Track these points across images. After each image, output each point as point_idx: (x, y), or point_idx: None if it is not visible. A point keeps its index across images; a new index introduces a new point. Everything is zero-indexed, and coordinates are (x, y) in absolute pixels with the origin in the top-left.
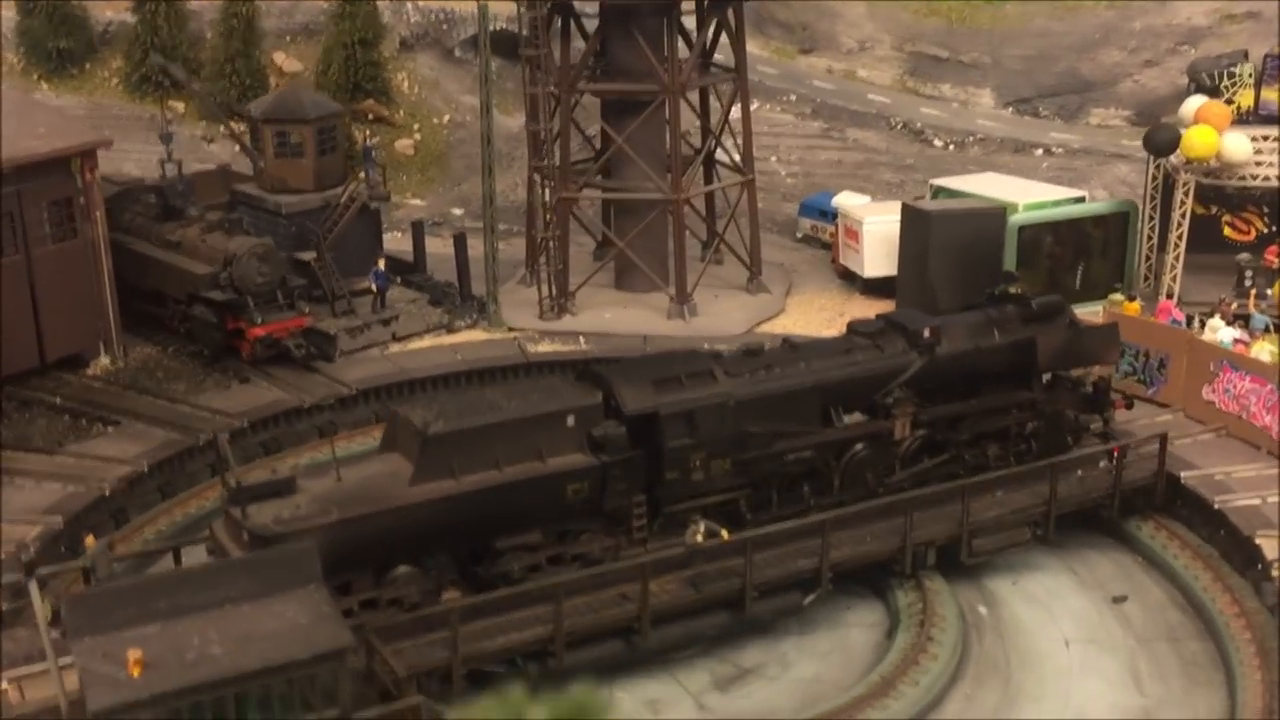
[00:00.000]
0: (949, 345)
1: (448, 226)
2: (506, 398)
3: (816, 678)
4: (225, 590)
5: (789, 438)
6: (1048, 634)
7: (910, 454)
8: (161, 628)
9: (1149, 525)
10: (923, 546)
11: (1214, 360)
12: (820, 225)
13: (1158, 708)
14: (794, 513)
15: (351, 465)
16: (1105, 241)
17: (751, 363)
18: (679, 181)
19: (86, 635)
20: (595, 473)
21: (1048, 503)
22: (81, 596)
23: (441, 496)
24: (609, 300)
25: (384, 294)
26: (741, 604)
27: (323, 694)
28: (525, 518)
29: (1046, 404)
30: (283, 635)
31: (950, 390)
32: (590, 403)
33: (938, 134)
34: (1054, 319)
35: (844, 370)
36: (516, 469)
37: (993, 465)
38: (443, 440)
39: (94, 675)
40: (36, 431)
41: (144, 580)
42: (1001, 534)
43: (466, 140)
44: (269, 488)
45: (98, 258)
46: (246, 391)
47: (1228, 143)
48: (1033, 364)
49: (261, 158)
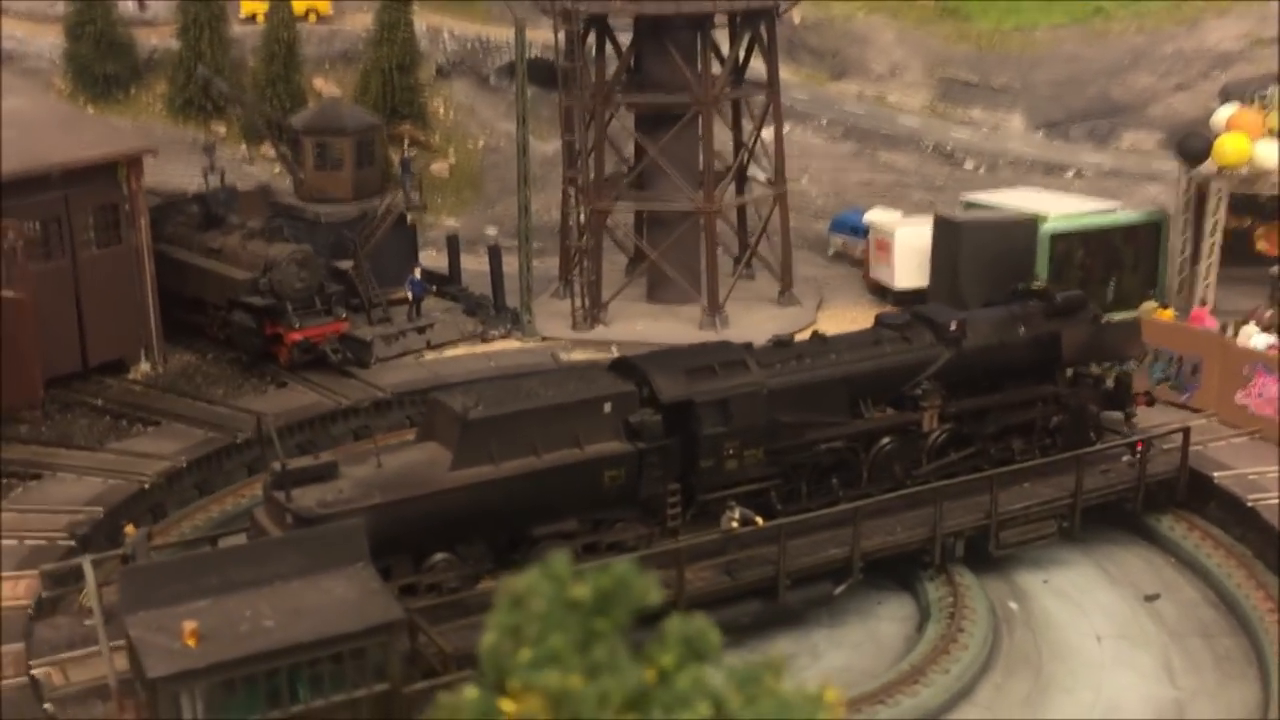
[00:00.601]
0: (975, 339)
1: (481, 245)
2: (543, 386)
3: (847, 667)
4: (274, 567)
5: (820, 428)
6: (1079, 629)
7: (937, 447)
8: (213, 602)
9: (1181, 525)
10: (951, 537)
11: (1248, 364)
12: (851, 242)
13: (1191, 701)
14: (823, 504)
15: (391, 452)
16: (1137, 254)
17: (782, 354)
18: (711, 193)
19: (140, 609)
20: (632, 460)
21: (1073, 495)
22: (134, 571)
23: (481, 481)
24: (641, 312)
25: (420, 302)
26: (774, 592)
27: (373, 669)
28: (562, 505)
29: (1070, 398)
30: (333, 610)
31: (976, 384)
32: (626, 390)
33: (968, 156)
34: (1077, 314)
35: (873, 362)
36: (555, 455)
37: (1017, 459)
38: (482, 425)
39: (150, 646)
40: (78, 430)
41: (195, 556)
42: (1028, 526)
43: (500, 164)
44: (311, 472)
45: (141, 264)
46: (284, 395)
47: (1260, 150)
48: (1057, 358)
49: (301, 169)
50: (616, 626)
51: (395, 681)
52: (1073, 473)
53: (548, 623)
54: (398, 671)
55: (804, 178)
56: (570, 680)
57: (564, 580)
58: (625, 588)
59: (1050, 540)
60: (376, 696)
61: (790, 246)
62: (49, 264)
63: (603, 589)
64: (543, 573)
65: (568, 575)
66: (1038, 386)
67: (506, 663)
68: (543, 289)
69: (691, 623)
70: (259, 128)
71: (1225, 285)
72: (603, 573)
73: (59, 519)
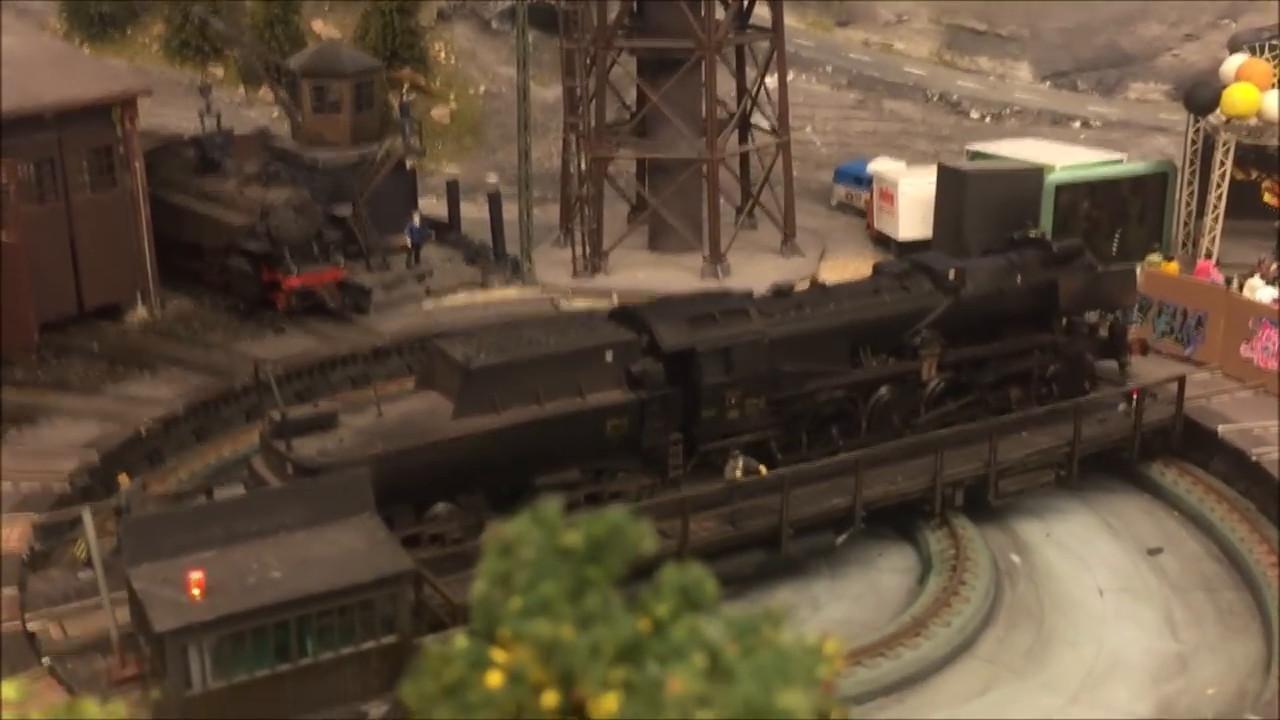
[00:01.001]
0: (974, 287)
1: (482, 193)
2: (544, 334)
3: (848, 619)
4: (280, 517)
5: (820, 377)
6: (1081, 582)
7: (935, 396)
8: (218, 554)
9: (1185, 479)
10: (951, 487)
11: (1253, 317)
12: (855, 192)
13: (1193, 654)
14: (823, 454)
15: (391, 402)
16: (1144, 206)
17: (783, 302)
18: (714, 141)
19: (143, 561)
20: (634, 409)
21: (1071, 444)
22: (137, 523)
23: (484, 431)
24: (642, 261)
25: (419, 248)
26: (777, 542)
27: (382, 621)
28: (564, 454)
29: (1068, 347)
30: (341, 561)
31: (973, 333)
32: (628, 339)
33: (974, 106)
34: (1073, 262)
35: (873, 310)
36: (557, 404)
37: (1015, 408)
38: (485, 374)
39: (156, 599)
40: (74, 375)
41: (199, 507)
42: (1026, 475)
43: (502, 110)
44: (311, 421)
45: (136, 208)
46: (282, 341)
47: (1269, 100)
48: (1054, 307)
49: (299, 112)
50: (610, 575)
51: (404, 634)
52: (1070, 421)
53: (538, 571)
54: (407, 624)
55: (808, 127)
56: (561, 630)
57: (555, 527)
58: (619, 535)
59: (1048, 489)
60: (385, 649)
61: (793, 196)
62: (42, 206)
63: (595, 536)
64: (533, 519)
65: (559, 522)
66: (1035, 335)
67: (496, 611)
68: (543, 237)
69: (688, 572)
70: (257, 70)
71: (1231, 238)
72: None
73: (54, 463)
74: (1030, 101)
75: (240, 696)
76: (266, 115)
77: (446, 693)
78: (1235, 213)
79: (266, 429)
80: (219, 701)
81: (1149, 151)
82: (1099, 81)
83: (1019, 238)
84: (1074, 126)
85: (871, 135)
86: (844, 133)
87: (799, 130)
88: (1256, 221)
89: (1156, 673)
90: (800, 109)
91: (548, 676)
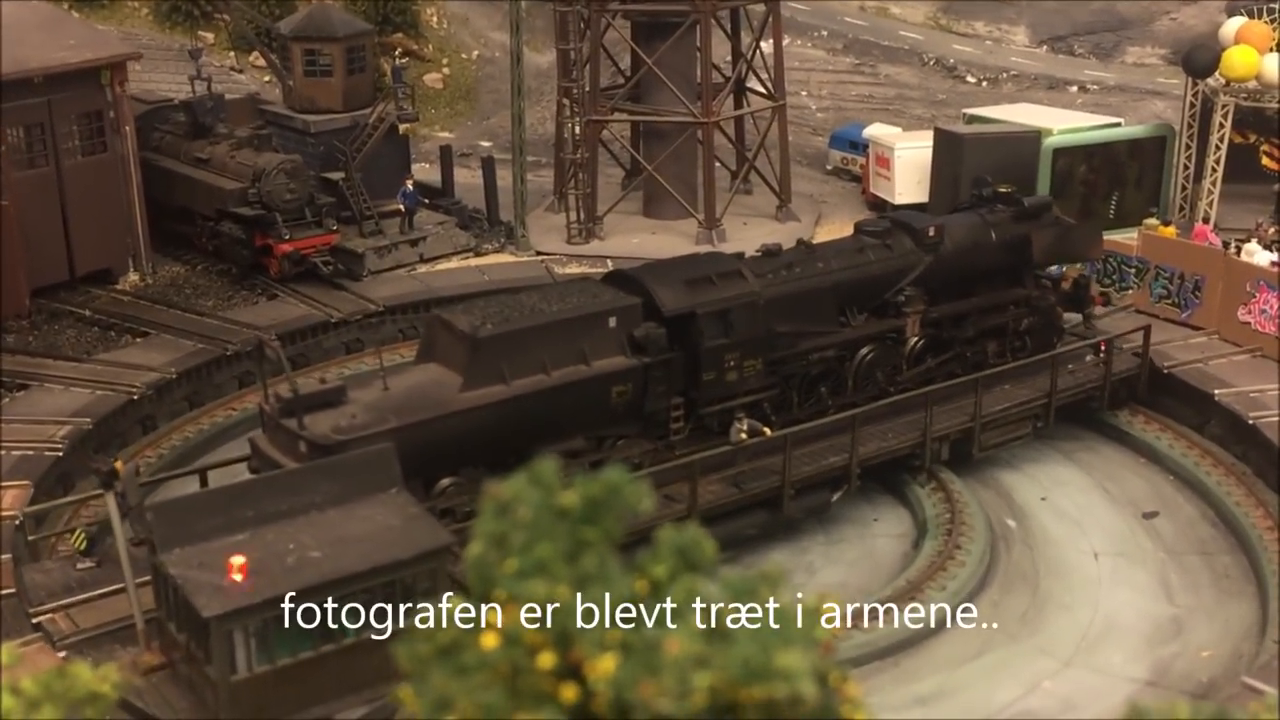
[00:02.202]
0: (952, 244)
1: (475, 159)
2: (544, 301)
3: (843, 584)
4: (308, 496)
5: (812, 337)
6: (1077, 546)
7: (916, 353)
8: (250, 535)
9: (1181, 443)
10: (938, 441)
11: (1250, 281)
12: (851, 157)
13: (1188, 617)
14: (813, 413)
15: (394, 375)
16: (1141, 170)
17: (774, 263)
18: (709, 105)
19: (175, 546)
20: (638, 374)
21: (1049, 395)
22: (165, 507)
23: (494, 401)
24: (637, 226)
25: (412, 214)
26: (779, 502)
27: (422, 596)
28: (571, 423)
29: (1040, 300)
30: (378, 537)
31: (951, 289)
32: (630, 303)
33: (971, 70)
34: (1043, 216)
35: (860, 270)
36: (563, 372)
37: (992, 362)
38: (493, 344)
39: (197, 584)
40: (66, 341)
41: (227, 489)
42: (1006, 427)
43: (495, 76)
44: (320, 398)
45: (127, 172)
46: (274, 307)
47: (1268, 63)
48: (1027, 261)
49: (290, 76)
50: (607, 536)
51: None
52: (1045, 373)
53: (535, 532)
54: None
55: (803, 92)
56: (558, 591)
57: (551, 487)
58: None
59: (1025, 440)
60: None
61: (789, 161)
62: (32, 171)
63: (592, 497)
64: (529, 479)
65: (555, 482)
66: (1010, 290)
67: (492, 573)
68: (537, 203)
69: (685, 533)
70: (247, 35)
71: (1229, 202)
72: (592, 480)
73: (46, 429)
74: (1027, 66)
75: (284, 679)
76: (258, 80)
77: (441, 654)
78: (1233, 176)
79: (273, 406)
80: (263, 685)
81: (1146, 116)
82: (1096, 46)
83: (988, 193)
84: (1071, 91)
85: (867, 100)
86: (840, 97)
87: (794, 95)
88: (1254, 185)
89: (1151, 636)
90: (796, 74)
91: (544, 638)
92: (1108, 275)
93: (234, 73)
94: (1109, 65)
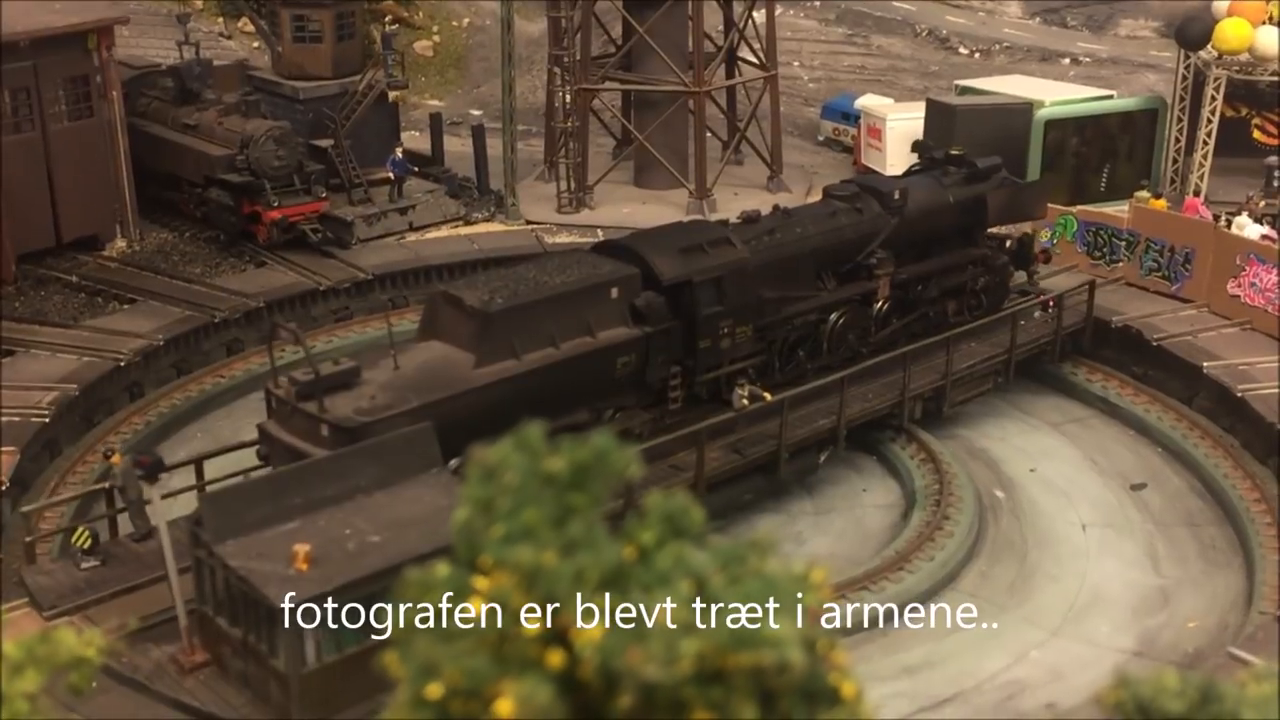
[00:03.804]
0: (914, 206)
1: (465, 127)
2: (544, 273)
3: (832, 554)
4: (354, 480)
5: (794, 301)
6: (1065, 518)
7: (882, 315)
8: (302, 523)
9: (1170, 416)
10: (914, 400)
11: (1240, 254)
12: (842, 128)
13: (1175, 588)
14: (793, 377)
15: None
16: (1133, 143)
17: (755, 229)
18: (701, 74)
19: (229, 538)
20: (640, 344)
21: (1009, 351)
22: (215, 499)
23: (508, 377)
24: (628, 196)
25: (402, 183)
26: (772, 467)
27: None
28: (578, 396)
29: (994, 259)
30: (433, 519)
31: (914, 250)
32: (630, 273)
33: (963, 42)
34: (994, 177)
35: (836, 234)
36: (571, 345)
37: (951, 321)
38: (504, 318)
39: (265, 575)
40: (52, 307)
41: (272, 477)
42: (971, 383)
43: (486, 44)
44: (335, 380)
45: (114, 138)
46: (262, 274)
47: (1261, 36)
48: (981, 221)
49: (279, 43)
50: (594, 501)
51: None
52: (1002, 330)
53: (521, 497)
54: None
55: (795, 62)
56: (544, 556)
57: (538, 452)
58: (603, 461)
59: (987, 395)
60: None
61: (780, 131)
62: (18, 136)
63: (580, 462)
64: (515, 444)
65: (542, 447)
66: (968, 250)
67: (479, 538)
68: (528, 172)
69: (673, 499)
70: (236, 0)
71: (1220, 175)
72: (579, 445)
73: (33, 395)
74: (1019, 38)
75: (352, 669)
76: (246, 47)
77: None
78: (1224, 150)
79: (287, 390)
80: (332, 676)
81: (1138, 89)
82: (1088, 18)
83: (940, 156)
84: (1063, 63)
85: (859, 71)
86: (831, 68)
87: (786, 65)
88: (1245, 159)
89: (1138, 606)
90: (788, 44)
91: (530, 604)
92: (1098, 248)
93: (222, 39)
94: (1101, 38)
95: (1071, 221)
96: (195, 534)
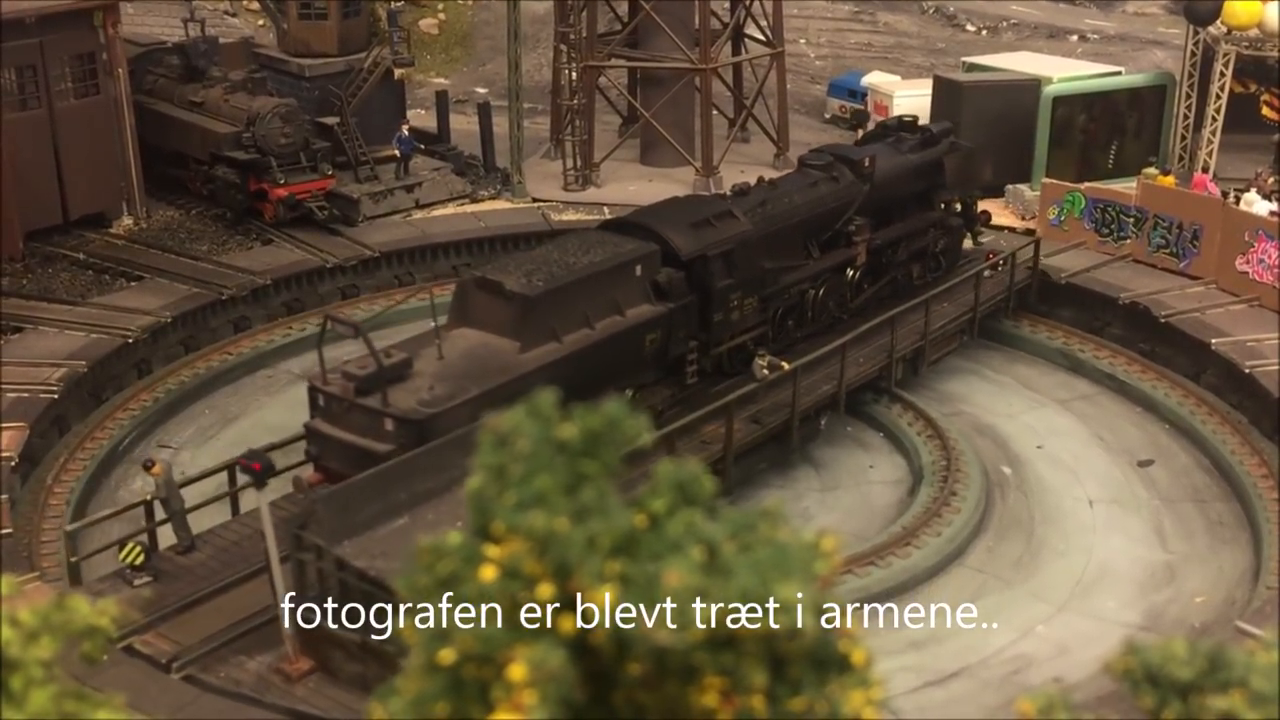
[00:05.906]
0: (881, 173)
1: (471, 105)
2: (568, 254)
3: (839, 530)
4: (450, 472)
5: (789, 271)
6: (1072, 494)
7: (856, 280)
8: (411, 518)
9: (1178, 392)
10: (899, 362)
11: (1249, 230)
12: (849, 105)
13: (1182, 564)
14: (785, 346)
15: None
16: (1141, 119)
17: (749, 201)
18: (707, 52)
19: (344, 538)
20: (665, 321)
21: (973, 310)
22: (329, 499)
23: (552, 361)
24: (634, 174)
25: (408, 160)
26: (785, 435)
27: None
28: (610, 375)
29: (950, 221)
30: None
31: (882, 216)
32: (650, 250)
33: (970, 19)
34: (942, 141)
35: (821, 203)
36: (604, 324)
37: (916, 283)
38: (544, 301)
39: (394, 575)
40: (60, 284)
41: (375, 474)
42: (943, 342)
43: (491, 22)
44: (388, 373)
45: (120, 115)
46: (269, 252)
47: (1271, 12)
48: (939, 185)
49: (284, 20)
50: (606, 469)
51: None
52: (965, 289)
53: (534, 464)
54: None
55: (802, 39)
56: (557, 523)
57: (550, 419)
58: (615, 428)
59: (955, 351)
60: None
61: (786, 109)
62: (25, 113)
63: (591, 429)
64: (528, 411)
65: (554, 414)
66: (927, 213)
67: (491, 505)
68: (534, 150)
69: (684, 467)
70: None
71: (1229, 151)
72: (591, 413)
73: (42, 372)
74: (1027, 15)
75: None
76: (252, 24)
77: (440, 586)
78: (1233, 126)
79: (345, 386)
80: None
81: (1146, 66)
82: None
83: (894, 123)
84: (1071, 40)
85: (866, 48)
86: (838, 45)
87: (792, 43)
88: (1254, 135)
89: (1145, 582)
90: (794, 21)
91: (543, 570)
92: (1106, 225)
93: (228, 16)
94: (1109, 14)
95: (1079, 198)
96: (299, 537)
